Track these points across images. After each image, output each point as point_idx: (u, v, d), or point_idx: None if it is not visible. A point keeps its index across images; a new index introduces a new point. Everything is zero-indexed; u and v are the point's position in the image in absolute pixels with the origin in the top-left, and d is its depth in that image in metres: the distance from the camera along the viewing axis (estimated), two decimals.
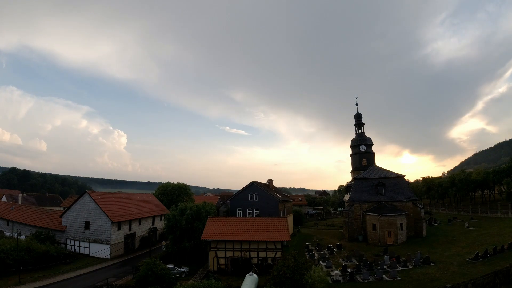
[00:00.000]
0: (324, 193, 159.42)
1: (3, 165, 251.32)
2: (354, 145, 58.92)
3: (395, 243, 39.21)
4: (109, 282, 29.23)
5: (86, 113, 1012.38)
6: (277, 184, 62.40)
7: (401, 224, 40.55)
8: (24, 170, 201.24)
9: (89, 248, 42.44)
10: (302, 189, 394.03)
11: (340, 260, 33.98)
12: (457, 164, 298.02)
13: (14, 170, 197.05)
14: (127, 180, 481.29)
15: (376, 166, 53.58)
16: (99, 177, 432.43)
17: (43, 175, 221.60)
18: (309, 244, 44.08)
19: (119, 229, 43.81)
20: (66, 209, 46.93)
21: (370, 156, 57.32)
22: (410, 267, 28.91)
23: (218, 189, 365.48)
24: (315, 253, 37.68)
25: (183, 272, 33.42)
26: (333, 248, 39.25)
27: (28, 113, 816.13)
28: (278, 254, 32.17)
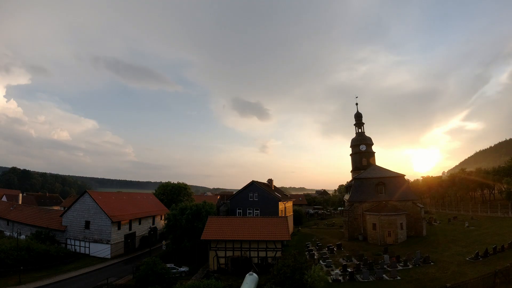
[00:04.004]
0: (324, 192, 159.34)
1: (3, 165, 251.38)
2: (354, 144, 58.90)
3: (395, 242, 39.21)
4: (109, 282, 29.28)
5: (85, 113, 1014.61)
6: (277, 183, 62.47)
7: (401, 224, 40.55)
8: (24, 170, 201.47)
9: (89, 247, 42.45)
10: (302, 189, 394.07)
11: (340, 260, 33.96)
12: (457, 164, 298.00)
13: (14, 170, 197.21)
14: (127, 180, 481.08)
15: (376, 165, 53.56)
16: (99, 177, 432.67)
17: (43, 175, 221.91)
18: (309, 244, 44.09)
19: (119, 228, 43.81)
20: (66, 208, 46.92)
21: (370, 155, 57.30)
22: (410, 267, 28.90)
23: (218, 189, 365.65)
24: (315, 253, 37.67)
25: (183, 271, 33.44)
26: (333, 248, 39.24)
27: (25, 114, 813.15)
28: (278, 254, 32.18)
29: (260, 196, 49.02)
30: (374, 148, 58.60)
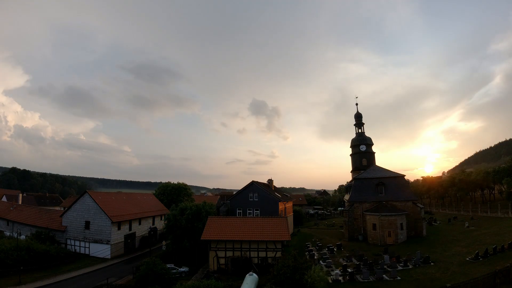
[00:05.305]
0: (324, 192, 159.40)
1: (3, 165, 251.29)
2: (354, 144, 58.92)
3: (395, 242, 39.23)
4: (109, 282, 29.27)
5: (84, 113, 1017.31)
6: (277, 183, 62.49)
7: (401, 224, 40.57)
8: (24, 170, 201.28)
9: (89, 248, 42.44)
10: (302, 189, 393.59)
11: (340, 260, 34.00)
12: (457, 164, 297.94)
13: (14, 170, 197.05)
14: (127, 180, 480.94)
15: (376, 165, 53.59)
16: (99, 177, 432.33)
17: (43, 175, 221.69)
18: (309, 244, 44.10)
19: (119, 229, 43.80)
20: (66, 209, 46.91)
21: (370, 155, 57.33)
22: (410, 267, 28.93)
23: (218, 189, 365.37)
24: (315, 253, 37.70)
25: (183, 272, 33.43)
26: (333, 248, 39.26)
27: (25, 114, 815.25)
28: (278, 254, 32.14)
29: (260, 196, 49.00)
30: (373, 148, 58.69)
